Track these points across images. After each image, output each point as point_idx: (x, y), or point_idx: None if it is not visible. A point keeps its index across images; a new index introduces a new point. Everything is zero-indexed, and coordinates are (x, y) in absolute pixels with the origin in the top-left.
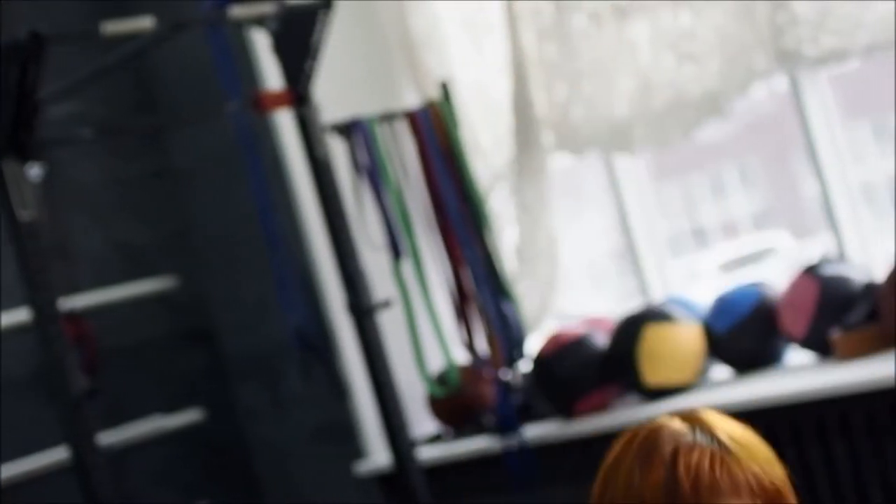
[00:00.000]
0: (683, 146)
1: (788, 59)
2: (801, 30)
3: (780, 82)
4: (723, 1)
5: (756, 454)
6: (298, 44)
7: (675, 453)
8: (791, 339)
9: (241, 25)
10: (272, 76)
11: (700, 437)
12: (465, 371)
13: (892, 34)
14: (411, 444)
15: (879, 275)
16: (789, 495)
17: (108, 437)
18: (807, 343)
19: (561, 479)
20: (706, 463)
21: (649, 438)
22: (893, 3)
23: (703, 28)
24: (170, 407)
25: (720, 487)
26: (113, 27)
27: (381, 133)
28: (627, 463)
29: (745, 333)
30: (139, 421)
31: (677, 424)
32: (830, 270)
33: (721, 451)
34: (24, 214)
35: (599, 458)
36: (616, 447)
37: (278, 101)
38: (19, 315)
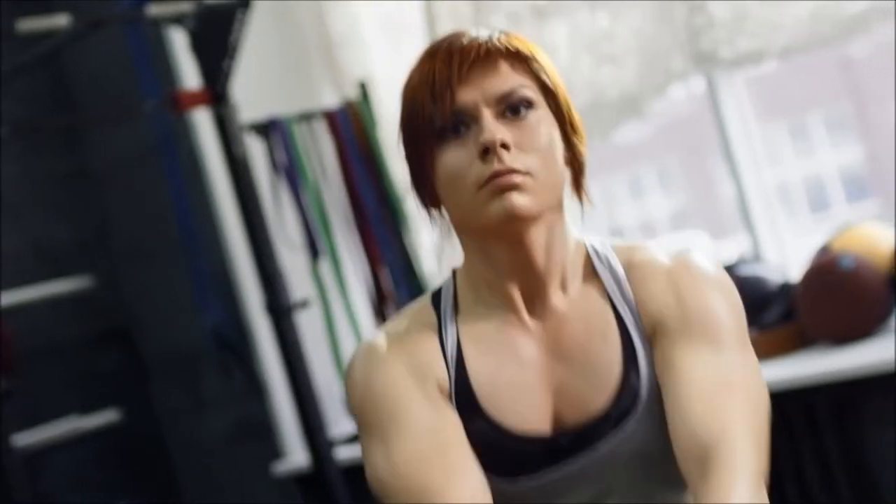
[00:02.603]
0: (602, 147)
1: (705, 61)
2: (717, 32)
3: (698, 84)
4: (641, 2)
5: (532, 46)
6: (216, 42)
7: (453, 45)
8: None
9: (158, 24)
10: (190, 75)
11: (483, 33)
12: None
13: (808, 36)
14: (329, 444)
15: (795, 275)
16: (556, 83)
17: (25, 438)
18: None
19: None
20: (473, 50)
21: (446, 40)
22: (809, 4)
23: (621, 30)
24: (87, 407)
25: (482, 73)
26: (28, 25)
27: (300, 132)
28: (426, 55)
29: None
30: (56, 422)
31: (473, 32)
32: (746, 270)
33: (497, 42)
34: None
35: None
36: (429, 49)
37: (196, 100)
38: None
